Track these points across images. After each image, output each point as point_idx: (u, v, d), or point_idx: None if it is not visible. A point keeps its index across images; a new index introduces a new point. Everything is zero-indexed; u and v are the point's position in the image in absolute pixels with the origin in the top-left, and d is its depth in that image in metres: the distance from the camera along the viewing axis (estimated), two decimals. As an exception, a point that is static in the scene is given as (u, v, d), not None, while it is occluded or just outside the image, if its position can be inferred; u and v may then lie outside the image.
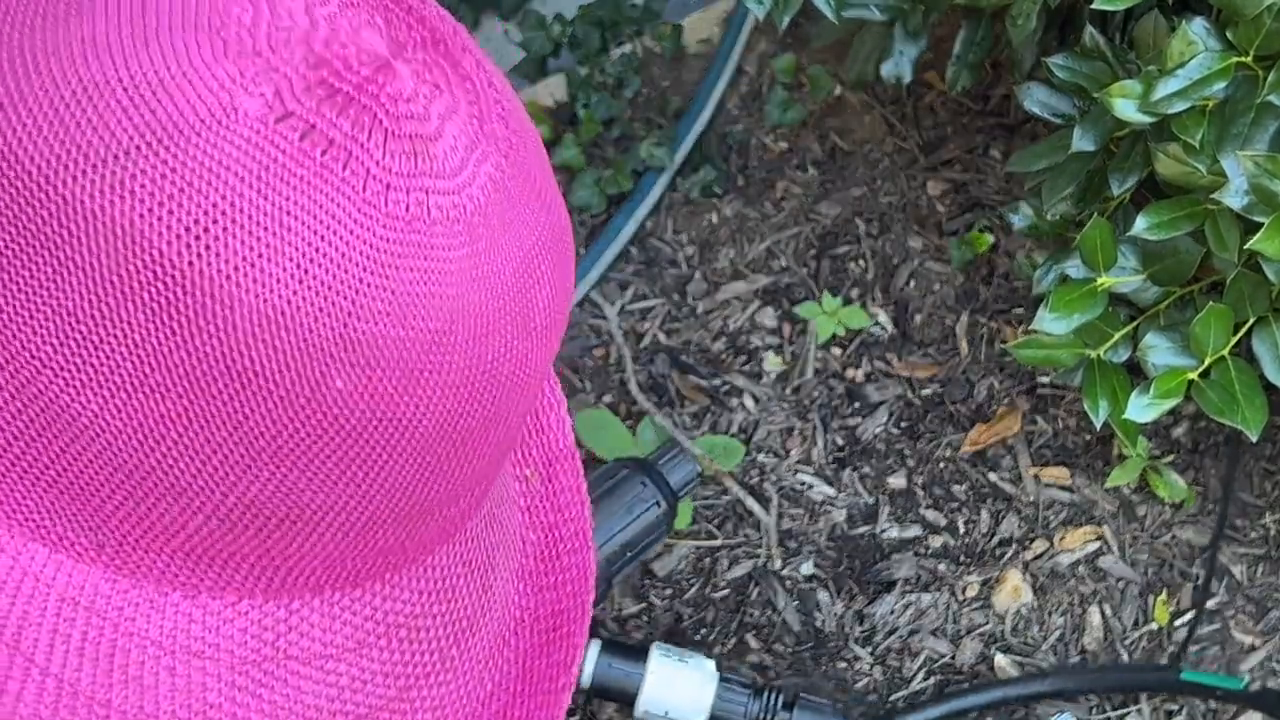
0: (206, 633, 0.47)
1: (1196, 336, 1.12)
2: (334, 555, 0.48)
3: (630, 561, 1.05)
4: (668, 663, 1.01)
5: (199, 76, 0.42)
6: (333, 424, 0.44)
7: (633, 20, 1.56)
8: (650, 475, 1.07)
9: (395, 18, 0.45)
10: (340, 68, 0.43)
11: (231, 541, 0.46)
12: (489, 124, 0.46)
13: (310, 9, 0.44)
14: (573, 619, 0.60)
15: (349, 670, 0.50)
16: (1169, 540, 1.28)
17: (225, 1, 0.43)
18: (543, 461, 0.64)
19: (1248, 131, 1.06)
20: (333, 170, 0.42)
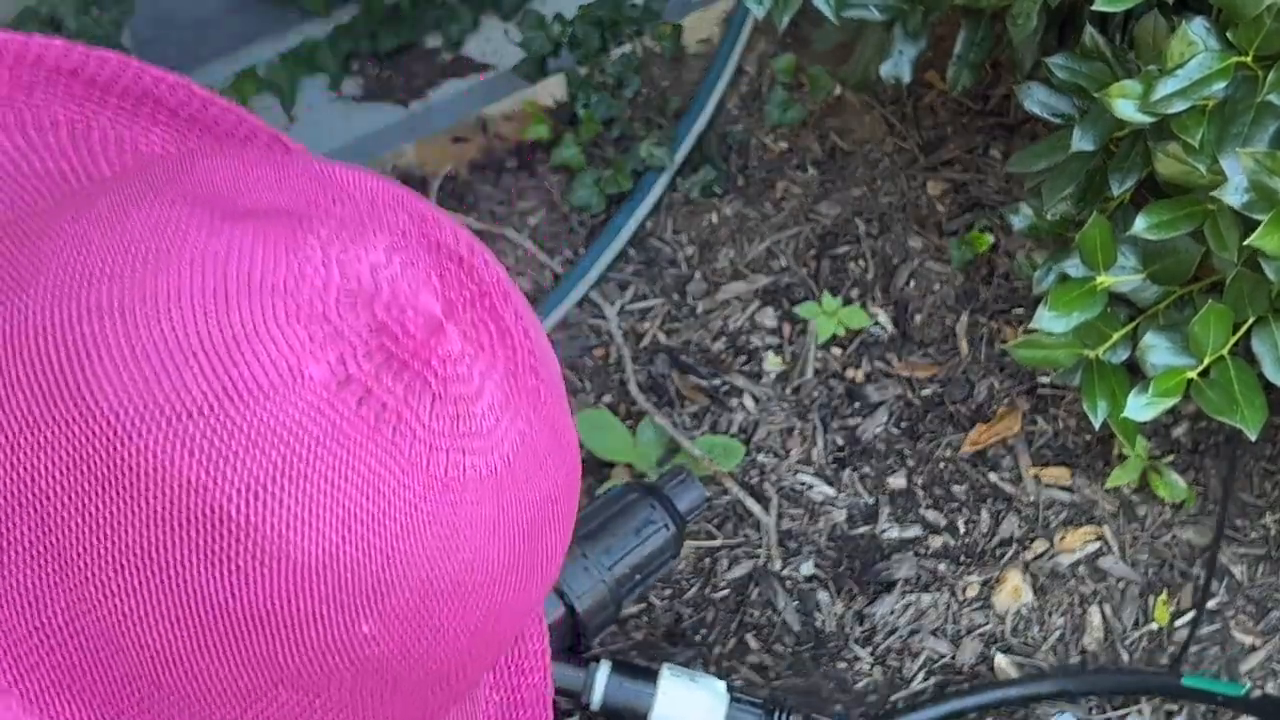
0: None
1: (1196, 336, 1.12)
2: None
3: (639, 585, 1.05)
4: (678, 683, 1.01)
5: (272, 340, 0.45)
6: (354, 661, 0.48)
7: (633, 20, 1.56)
8: (658, 499, 1.07)
9: (449, 273, 0.49)
10: (398, 332, 0.47)
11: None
12: (522, 377, 0.50)
13: (376, 271, 0.47)
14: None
15: None
16: (1169, 540, 1.28)
17: (300, 263, 0.47)
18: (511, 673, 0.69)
19: (1247, 131, 1.06)
20: (384, 434, 0.46)
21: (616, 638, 1.23)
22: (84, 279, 0.46)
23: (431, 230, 0.50)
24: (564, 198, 1.50)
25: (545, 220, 1.49)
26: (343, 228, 0.48)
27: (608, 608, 1.00)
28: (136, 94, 0.57)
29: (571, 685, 1.00)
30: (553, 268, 1.45)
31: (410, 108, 1.73)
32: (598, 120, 1.51)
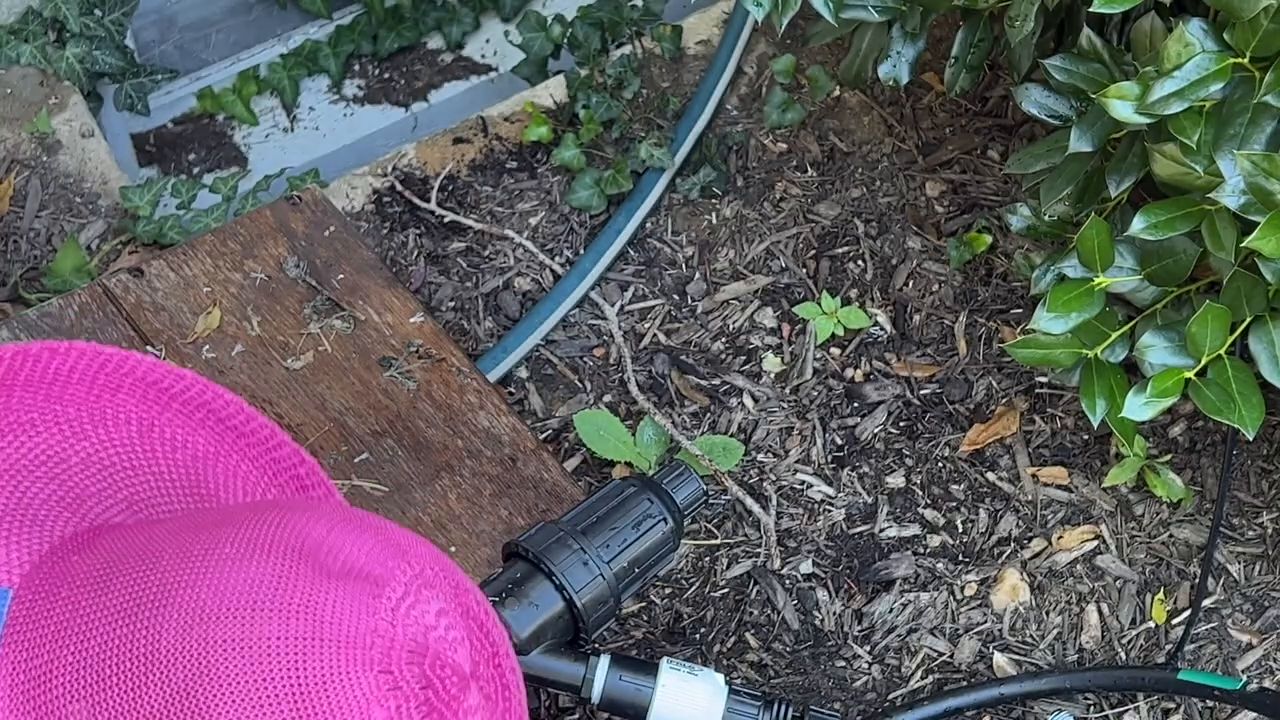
0: None
1: (1193, 336, 1.12)
2: None
3: (638, 579, 1.05)
4: (678, 676, 1.01)
5: (349, 685, 0.57)
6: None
7: (632, 21, 1.57)
8: (656, 493, 1.07)
9: (475, 635, 0.63)
10: (439, 687, 0.60)
11: None
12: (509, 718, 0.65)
13: (429, 632, 0.60)
14: None
15: None
16: (1166, 539, 1.29)
17: (375, 620, 0.59)
18: None
19: (1244, 132, 1.06)
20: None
21: (617, 635, 1.24)
22: (210, 617, 0.57)
23: (465, 597, 0.63)
24: (564, 198, 1.50)
25: (545, 220, 1.50)
26: (408, 592, 0.61)
27: (607, 602, 1.01)
28: (195, 403, 0.71)
29: (571, 679, 1.00)
30: (553, 268, 1.46)
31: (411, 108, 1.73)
32: (598, 121, 1.51)
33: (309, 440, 1.14)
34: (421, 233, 1.48)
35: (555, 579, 0.99)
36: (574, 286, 1.43)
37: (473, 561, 1.09)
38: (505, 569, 1.01)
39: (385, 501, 1.11)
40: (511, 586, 0.99)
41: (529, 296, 1.45)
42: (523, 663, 0.99)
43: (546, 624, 0.99)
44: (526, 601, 0.99)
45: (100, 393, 0.69)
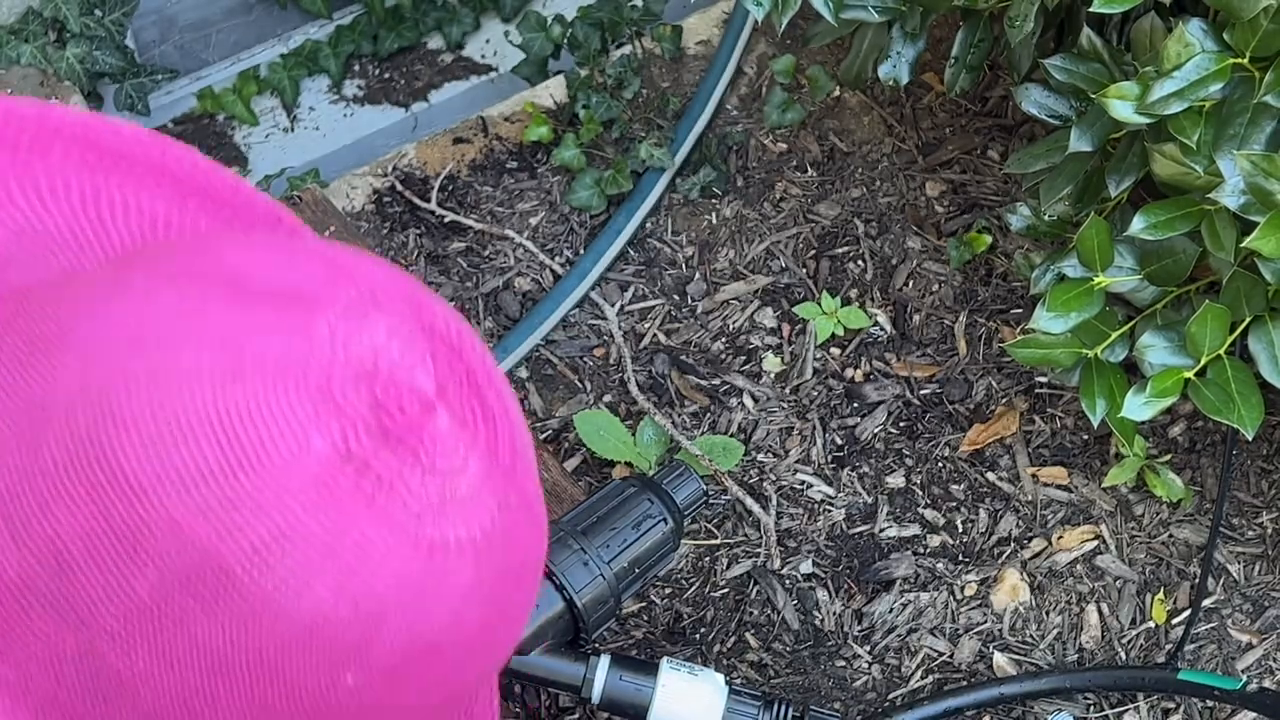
0: None
1: (1193, 336, 1.12)
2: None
3: (638, 579, 1.05)
4: (678, 676, 1.01)
5: (282, 414, 0.49)
6: (335, 708, 0.52)
7: (632, 21, 1.57)
8: (656, 493, 1.07)
9: (441, 355, 0.53)
10: (395, 410, 0.51)
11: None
12: (500, 452, 0.54)
13: (377, 353, 0.51)
14: None
15: None
16: (1166, 539, 1.29)
17: (309, 344, 0.50)
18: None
19: (1244, 132, 1.06)
20: (378, 504, 0.50)
21: (617, 635, 1.24)
22: (112, 351, 0.50)
23: (426, 314, 0.54)
24: (564, 198, 1.50)
25: (545, 220, 1.50)
26: (349, 310, 0.52)
27: (607, 602, 1.01)
28: (145, 162, 0.61)
29: (572, 679, 1.00)
30: (553, 268, 1.46)
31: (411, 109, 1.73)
32: (598, 121, 1.52)
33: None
34: (421, 233, 1.48)
35: (555, 579, 0.99)
36: (574, 286, 1.43)
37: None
38: (505, 569, 1.01)
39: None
40: (512, 586, 0.99)
41: (529, 296, 1.45)
42: (523, 663, 0.99)
43: (547, 624, 0.99)
44: (527, 601, 0.99)
45: (28, 157, 0.59)
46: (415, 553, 0.51)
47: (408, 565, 0.51)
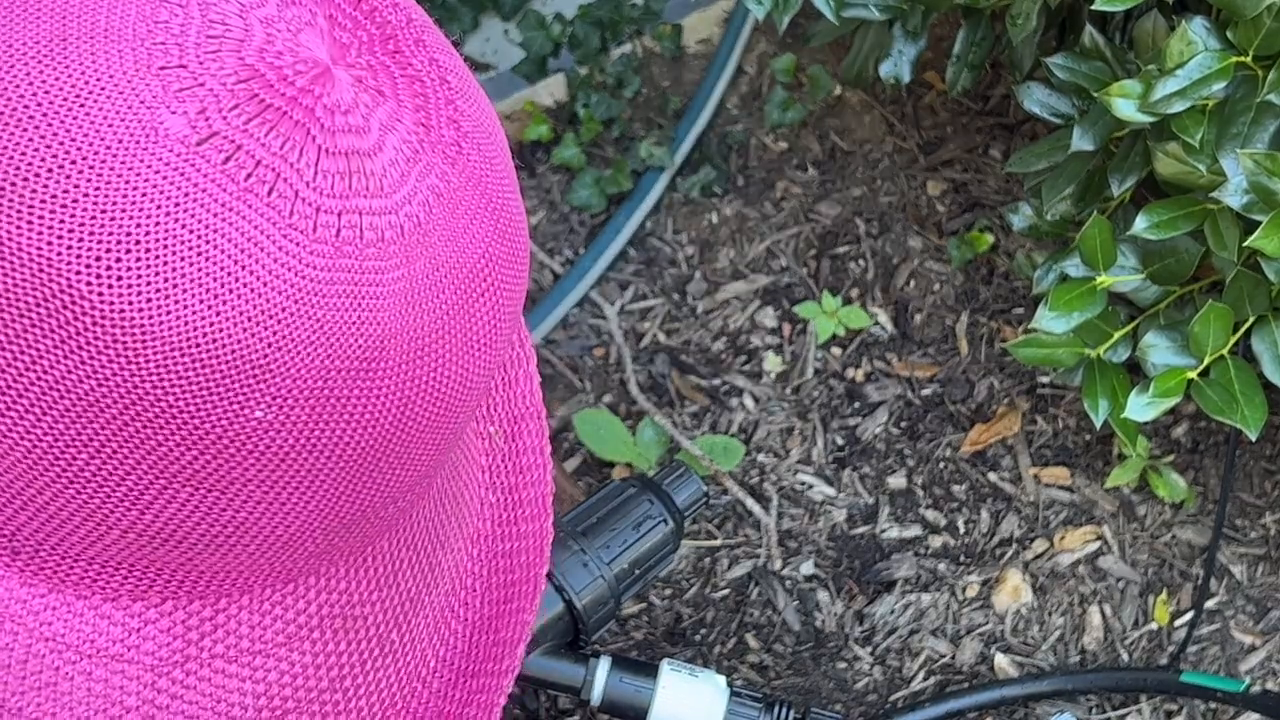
0: (127, 635, 0.46)
1: (1196, 336, 1.12)
2: (262, 562, 0.46)
3: (638, 580, 1.04)
4: (679, 678, 1.01)
5: (119, 92, 0.40)
6: (252, 452, 0.43)
7: (633, 20, 1.56)
8: (656, 493, 1.07)
9: (340, 14, 0.43)
10: (273, 79, 0.41)
11: (151, 554, 0.45)
12: (436, 130, 0.44)
13: (245, 12, 0.42)
14: (524, 594, 0.58)
15: (278, 665, 0.48)
16: (1169, 540, 1.28)
17: (153, 7, 0.41)
18: (508, 419, 0.61)
19: (1247, 131, 1.06)
20: (257, 194, 0.41)
21: (617, 637, 1.23)
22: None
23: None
24: (564, 198, 1.50)
25: (545, 220, 1.49)
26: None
27: (607, 603, 1.00)
28: None
29: (571, 681, 1.00)
30: (553, 268, 1.45)
31: (410, 108, 1.73)
32: (598, 120, 1.51)
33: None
34: (421, 232, 1.47)
35: (555, 580, 0.99)
36: (574, 286, 1.42)
37: (472, 562, 1.09)
38: (504, 570, 1.01)
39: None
40: (511, 588, 0.99)
41: (529, 296, 1.44)
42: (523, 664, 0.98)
43: (546, 625, 0.99)
44: (526, 603, 0.99)
45: None
46: (317, 251, 0.42)
47: (308, 266, 0.41)
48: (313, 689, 0.49)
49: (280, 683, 0.48)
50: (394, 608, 0.52)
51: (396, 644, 0.53)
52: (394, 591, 0.52)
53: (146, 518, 0.44)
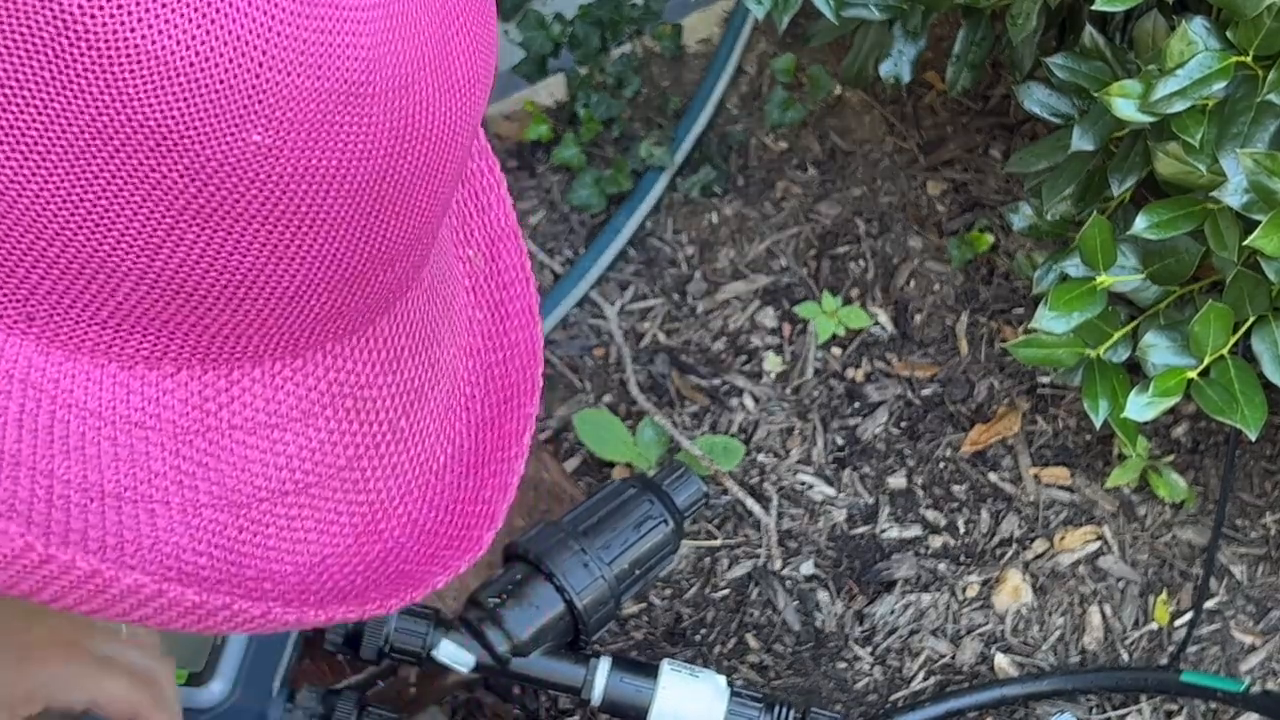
0: (145, 403, 0.46)
1: (1196, 335, 1.12)
2: (270, 323, 0.47)
3: (639, 580, 1.04)
4: (679, 678, 1.01)
5: None
6: (254, 182, 0.43)
7: (633, 20, 1.56)
8: (656, 494, 1.07)
9: None
10: None
11: (163, 310, 0.45)
12: None
13: None
14: (523, 392, 0.59)
15: (295, 439, 0.49)
16: (1169, 540, 1.28)
17: None
18: (485, 241, 0.63)
19: (1247, 131, 1.06)
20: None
21: (617, 637, 1.23)
22: None
23: None
24: (564, 198, 1.50)
25: (545, 220, 1.49)
26: None
27: (608, 603, 1.00)
28: None
29: (572, 681, 1.00)
30: (553, 268, 1.45)
31: (410, 108, 1.73)
32: (598, 120, 1.51)
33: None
34: (421, 232, 1.47)
35: (556, 580, 0.99)
36: (574, 286, 1.42)
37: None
38: (505, 570, 1.01)
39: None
40: (512, 588, 0.99)
41: (529, 296, 1.44)
42: (524, 665, 0.99)
43: (547, 626, 0.99)
44: (527, 603, 0.99)
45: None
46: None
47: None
48: (331, 465, 0.50)
49: (300, 455, 0.49)
50: (400, 395, 0.53)
51: (406, 432, 0.53)
52: (398, 378, 0.52)
53: (157, 264, 0.44)
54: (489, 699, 1.18)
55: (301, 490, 0.50)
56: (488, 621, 0.98)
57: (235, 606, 0.45)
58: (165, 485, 0.46)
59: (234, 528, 0.47)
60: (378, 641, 0.96)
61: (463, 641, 0.98)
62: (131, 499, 0.46)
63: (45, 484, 0.44)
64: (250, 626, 0.46)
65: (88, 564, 0.43)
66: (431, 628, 0.97)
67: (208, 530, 0.46)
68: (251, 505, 0.48)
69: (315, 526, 0.50)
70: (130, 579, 0.43)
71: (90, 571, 0.43)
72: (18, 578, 0.43)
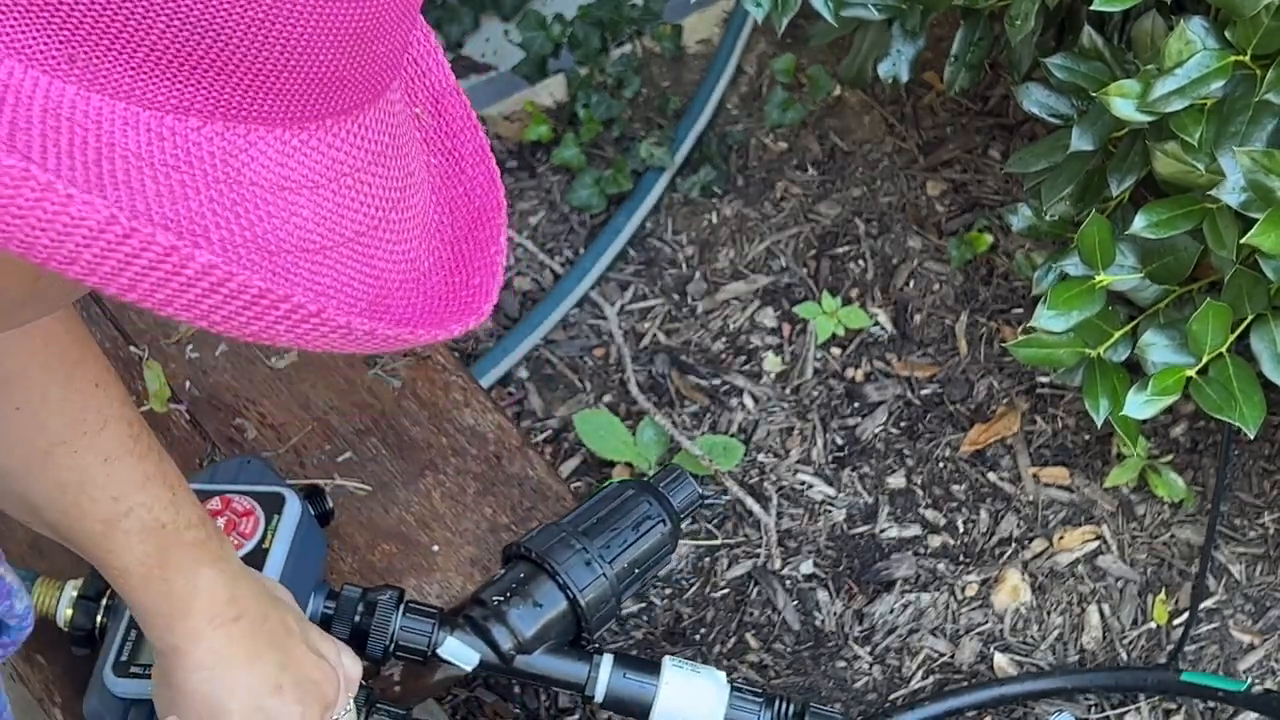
0: (178, 150, 0.50)
1: (1195, 334, 1.12)
2: (282, 78, 0.51)
3: (637, 579, 1.05)
4: (681, 674, 1.01)
5: None
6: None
7: (633, 20, 1.56)
8: (654, 495, 1.07)
9: None
10: None
11: (189, 54, 0.48)
12: None
13: None
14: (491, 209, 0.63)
15: (308, 204, 0.53)
16: (1168, 540, 1.28)
17: None
18: (429, 99, 0.66)
19: (1245, 129, 1.06)
20: None
21: (616, 636, 1.23)
22: None
23: None
24: (564, 197, 1.50)
25: (545, 220, 1.49)
26: None
27: (609, 601, 1.01)
28: None
29: (575, 678, 1.00)
30: (553, 268, 1.46)
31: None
32: (598, 120, 1.51)
33: (293, 439, 1.14)
34: (421, 232, 1.48)
35: (559, 579, 0.99)
36: (574, 286, 1.42)
37: (456, 560, 1.09)
38: (509, 569, 1.01)
39: (369, 501, 1.11)
40: (515, 587, 0.99)
41: (529, 296, 1.44)
42: (527, 663, 0.99)
43: (550, 623, 0.99)
44: (530, 601, 0.99)
45: None
46: None
47: None
48: (340, 235, 0.54)
49: (314, 220, 0.53)
50: (390, 185, 0.57)
51: (397, 224, 0.57)
52: (386, 170, 0.57)
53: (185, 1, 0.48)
54: (489, 698, 1.18)
55: (319, 250, 0.53)
56: (492, 619, 0.98)
57: (295, 300, 0.49)
58: (205, 224, 0.50)
59: (267, 269, 0.51)
60: (383, 640, 0.96)
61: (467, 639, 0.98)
62: (177, 231, 0.48)
63: (102, 205, 0.47)
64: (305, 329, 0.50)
65: (167, 240, 0.45)
66: (436, 626, 0.97)
67: (245, 267, 0.49)
68: (279, 254, 0.52)
69: (333, 285, 0.53)
70: (204, 258, 0.46)
71: (168, 248, 0.46)
72: (101, 256, 0.45)
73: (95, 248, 0.45)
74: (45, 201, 0.44)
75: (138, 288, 0.46)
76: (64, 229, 0.45)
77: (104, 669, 0.91)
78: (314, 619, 0.95)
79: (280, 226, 0.52)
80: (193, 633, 0.80)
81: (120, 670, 0.91)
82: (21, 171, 0.43)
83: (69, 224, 0.44)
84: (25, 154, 0.45)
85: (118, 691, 0.91)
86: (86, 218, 0.45)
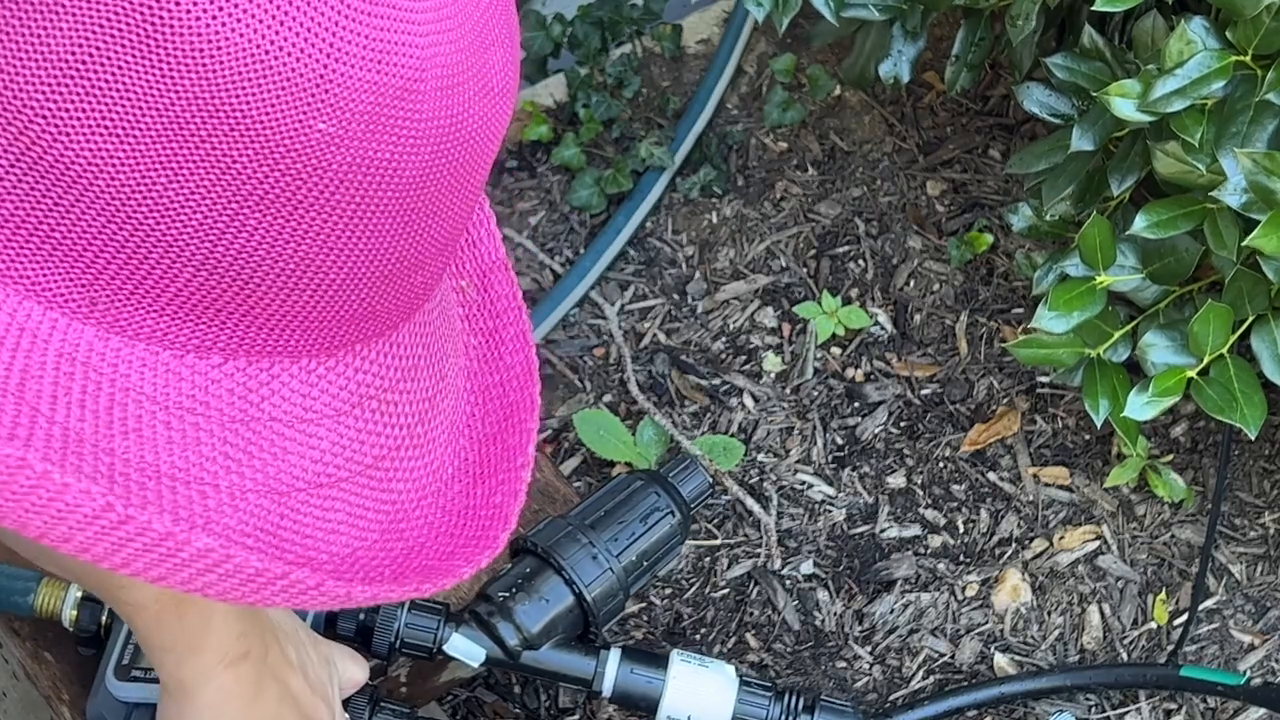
0: (196, 390, 0.49)
1: (1195, 335, 1.12)
2: (313, 316, 0.50)
3: (646, 571, 1.05)
4: (689, 667, 1.01)
5: None
6: (316, 169, 0.46)
7: (633, 20, 1.56)
8: (663, 486, 1.07)
9: None
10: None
11: (218, 297, 0.48)
12: None
13: None
14: (522, 408, 0.63)
15: (329, 435, 0.52)
16: (1168, 540, 1.28)
17: None
18: (476, 273, 0.66)
19: (1246, 130, 1.06)
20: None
21: (617, 636, 1.23)
22: None
23: None
24: (564, 197, 1.50)
25: (545, 220, 1.49)
26: None
27: (616, 595, 1.00)
28: None
29: (583, 673, 1.00)
30: (553, 268, 1.46)
31: (410, 108, 1.73)
32: (598, 120, 1.51)
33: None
34: (421, 232, 1.47)
35: (565, 573, 0.99)
36: (574, 286, 1.42)
37: (468, 560, 1.09)
38: (515, 564, 1.01)
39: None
40: (521, 581, 0.99)
41: (529, 296, 1.44)
42: (534, 658, 0.99)
43: (557, 618, 0.99)
44: (537, 596, 0.99)
45: None
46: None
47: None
48: (359, 463, 0.53)
49: (332, 451, 0.52)
50: (416, 403, 0.56)
51: (422, 439, 0.57)
52: (415, 385, 0.56)
53: (219, 250, 0.47)
54: (489, 697, 1.18)
55: (333, 484, 0.52)
56: (498, 615, 0.98)
57: (292, 576, 0.48)
58: (215, 469, 0.49)
59: (275, 514, 0.50)
60: (389, 637, 0.96)
61: (473, 635, 0.98)
62: (185, 480, 0.48)
63: (107, 461, 0.47)
64: (303, 599, 0.49)
65: (163, 525, 0.45)
66: (442, 622, 0.97)
67: (253, 514, 0.49)
68: (290, 494, 0.51)
69: (346, 519, 0.53)
70: (201, 542, 0.46)
71: (165, 533, 0.45)
72: (95, 538, 0.45)
73: (89, 531, 0.45)
74: (40, 489, 0.44)
75: (132, 565, 0.46)
76: (58, 514, 0.44)
77: (106, 672, 0.91)
78: (319, 618, 0.95)
79: (295, 464, 0.51)
80: (204, 671, 0.78)
81: (122, 674, 0.91)
82: (18, 460, 0.43)
83: (63, 510, 0.44)
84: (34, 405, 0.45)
85: (120, 695, 0.91)
86: (81, 504, 0.44)
